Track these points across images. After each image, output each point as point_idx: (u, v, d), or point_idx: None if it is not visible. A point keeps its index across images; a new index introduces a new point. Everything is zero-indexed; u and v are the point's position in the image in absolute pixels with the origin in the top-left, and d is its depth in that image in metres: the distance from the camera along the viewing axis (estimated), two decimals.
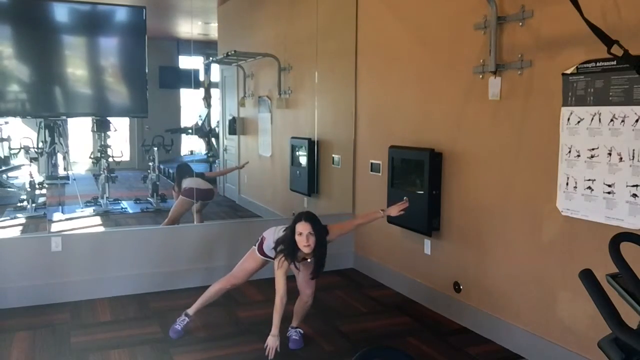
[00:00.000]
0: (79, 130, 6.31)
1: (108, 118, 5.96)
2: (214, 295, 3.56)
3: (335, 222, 3.50)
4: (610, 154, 2.71)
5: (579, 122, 2.86)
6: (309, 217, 3.19)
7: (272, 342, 3.14)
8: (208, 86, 7.14)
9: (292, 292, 3.48)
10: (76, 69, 5.43)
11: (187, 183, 5.49)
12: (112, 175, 6.09)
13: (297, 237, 3.14)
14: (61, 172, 6.21)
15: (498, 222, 3.46)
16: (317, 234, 3.15)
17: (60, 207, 5.96)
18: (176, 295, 4.32)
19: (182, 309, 4.00)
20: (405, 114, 4.32)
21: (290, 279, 3.56)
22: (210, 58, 6.98)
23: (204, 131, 7.23)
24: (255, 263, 3.48)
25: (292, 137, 5.84)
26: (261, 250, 3.43)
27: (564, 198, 2.96)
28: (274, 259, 3.27)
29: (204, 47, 7.08)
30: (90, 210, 6.00)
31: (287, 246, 3.19)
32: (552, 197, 3.03)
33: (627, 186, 2.64)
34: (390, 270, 4.62)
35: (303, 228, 3.12)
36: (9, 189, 6.39)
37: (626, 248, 1.56)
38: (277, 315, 3.20)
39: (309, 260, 3.29)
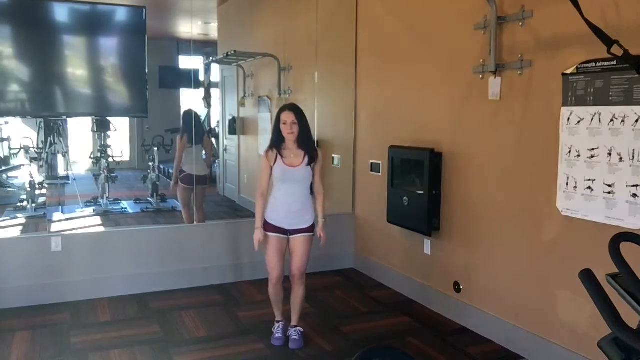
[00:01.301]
0: (79, 130, 6.32)
1: (108, 118, 5.96)
2: (275, 295, 3.49)
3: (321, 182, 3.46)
4: (610, 154, 2.71)
5: (579, 122, 2.85)
6: (293, 106, 3.33)
7: (255, 235, 3.34)
8: (208, 86, 7.14)
9: (288, 291, 3.50)
10: (76, 69, 5.43)
11: (186, 168, 5.49)
12: (112, 175, 6.09)
13: (281, 126, 3.27)
14: (61, 172, 6.22)
15: (498, 222, 3.46)
16: (301, 124, 3.27)
17: (60, 207, 5.96)
18: (176, 295, 4.32)
19: (182, 309, 4.02)
20: (405, 114, 4.32)
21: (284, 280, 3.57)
22: (210, 58, 6.98)
23: (204, 131, 7.23)
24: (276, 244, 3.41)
25: None
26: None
27: (564, 198, 2.96)
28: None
29: (204, 47, 7.09)
30: (90, 210, 6.01)
31: (273, 135, 3.34)
32: (552, 197, 3.03)
33: (627, 186, 2.64)
34: (390, 270, 4.62)
35: (287, 117, 3.26)
36: (9, 189, 6.39)
37: (626, 248, 1.56)
38: (257, 209, 3.36)
39: (295, 157, 3.29)
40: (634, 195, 2.61)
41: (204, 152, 5.87)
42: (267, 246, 3.39)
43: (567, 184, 2.94)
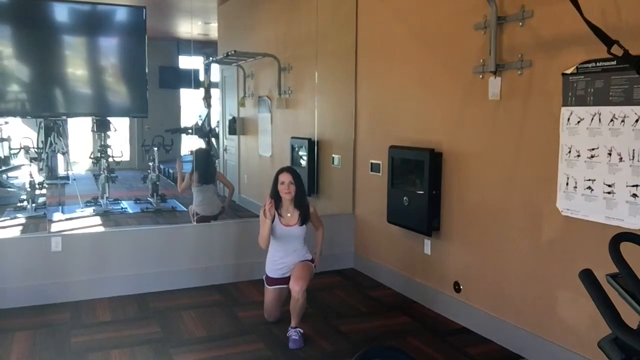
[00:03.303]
0: (79, 130, 6.32)
1: (108, 118, 5.97)
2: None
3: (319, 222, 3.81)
4: (610, 154, 2.71)
5: (579, 122, 2.86)
6: (290, 169, 3.69)
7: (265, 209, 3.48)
8: (208, 86, 7.14)
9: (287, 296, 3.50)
10: (76, 69, 5.44)
11: (199, 209, 5.16)
12: (112, 175, 6.09)
13: (279, 187, 3.55)
14: (61, 172, 6.22)
15: (498, 222, 3.46)
16: (297, 184, 3.57)
17: (60, 207, 5.97)
18: (176, 295, 4.32)
19: (182, 309, 4.02)
20: (405, 114, 4.32)
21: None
22: (210, 58, 6.99)
23: (204, 131, 7.23)
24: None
25: (292, 137, 5.84)
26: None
27: (564, 198, 2.96)
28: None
29: (204, 47, 7.09)
30: (90, 210, 6.01)
31: (271, 196, 3.54)
32: (552, 197, 3.03)
33: (627, 186, 2.64)
34: (390, 270, 4.62)
35: (285, 177, 3.56)
36: (9, 189, 6.40)
37: (626, 248, 1.56)
38: (263, 226, 3.49)
39: (291, 216, 3.58)
40: (634, 195, 2.61)
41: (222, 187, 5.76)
42: (267, 296, 3.69)
43: (567, 184, 2.94)
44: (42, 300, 4.05)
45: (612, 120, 2.68)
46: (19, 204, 6.12)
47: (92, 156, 6.22)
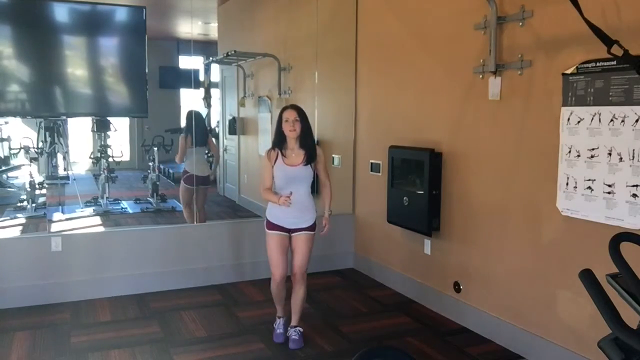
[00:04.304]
0: (79, 130, 6.33)
1: (108, 118, 5.97)
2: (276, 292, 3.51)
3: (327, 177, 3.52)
4: (610, 154, 2.71)
5: (579, 122, 2.86)
6: (295, 106, 3.37)
7: (280, 200, 3.20)
8: (208, 86, 7.15)
9: (289, 290, 3.50)
10: (76, 69, 5.43)
11: (189, 168, 5.42)
12: (112, 175, 6.10)
13: (283, 125, 3.28)
14: (61, 172, 6.22)
15: (498, 222, 3.46)
16: (302, 122, 3.29)
17: (60, 207, 5.96)
18: (176, 295, 4.32)
19: (182, 309, 4.02)
20: (405, 114, 4.32)
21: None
22: (210, 58, 6.99)
23: (208, 133, 7.22)
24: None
25: None
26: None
27: (564, 198, 2.96)
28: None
29: (204, 47, 7.10)
30: (90, 210, 6.01)
31: (275, 136, 3.35)
32: (552, 197, 3.03)
33: (627, 186, 2.64)
34: (390, 270, 4.62)
35: (289, 115, 3.28)
36: (9, 189, 6.40)
37: (626, 248, 1.56)
38: (270, 197, 3.30)
39: (295, 156, 3.31)
40: (634, 195, 2.61)
41: (207, 153, 5.84)
42: (269, 244, 3.41)
43: (567, 184, 2.94)
44: (42, 300, 4.05)
45: (612, 120, 2.68)
46: (19, 204, 6.12)
47: (92, 156, 6.22)
